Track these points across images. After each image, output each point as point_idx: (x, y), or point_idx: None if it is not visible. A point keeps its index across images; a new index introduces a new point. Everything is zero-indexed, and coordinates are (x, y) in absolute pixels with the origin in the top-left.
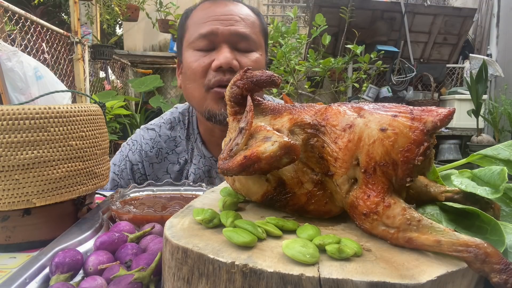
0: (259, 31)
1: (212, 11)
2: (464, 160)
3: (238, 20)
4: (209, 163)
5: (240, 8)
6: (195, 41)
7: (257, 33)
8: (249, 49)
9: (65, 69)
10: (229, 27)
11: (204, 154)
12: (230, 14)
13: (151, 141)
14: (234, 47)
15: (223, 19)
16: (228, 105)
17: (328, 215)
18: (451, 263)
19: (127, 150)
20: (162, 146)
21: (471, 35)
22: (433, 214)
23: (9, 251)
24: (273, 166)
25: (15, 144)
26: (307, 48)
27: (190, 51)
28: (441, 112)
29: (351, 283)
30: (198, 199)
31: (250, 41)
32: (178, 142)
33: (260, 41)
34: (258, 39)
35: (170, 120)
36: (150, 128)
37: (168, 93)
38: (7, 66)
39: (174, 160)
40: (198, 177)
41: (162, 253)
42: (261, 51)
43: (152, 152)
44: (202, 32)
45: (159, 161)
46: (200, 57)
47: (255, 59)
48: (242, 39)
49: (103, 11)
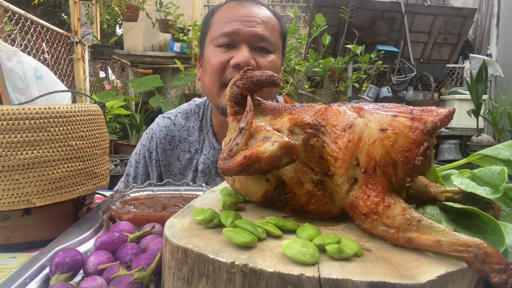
0: (278, 34)
1: (236, 12)
2: (464, 160)
3: (259, 23)
4: (218, 155)
5: (262, 11)
6: (218, 38)
7: (276, 36)
8: (267, 50)
9: (65, 69)
10: (250, 28)
11: (214, 145)
12: (253, 16)
13: (165, 128)
14: (253, 47)
15: (245, 20)
16: (228, 105)
17: (328, 215)
18: (451, 263)
19: (145, 139)
20: (175, 134)
21: (471, 35)
22: (433, 214)
23: (9, 251)
24: (273, 166)
25: (15, 144)
26: (307, 48)
27: (211, 47)
28: (441, 112)
29: (351, 283)
30: (198, 199)
31: (269, 43)
32: (191, 132)
33: (278, 44)
34: (276, 41)
35: (186, 110)
36: (166, 116)
37: (168, 93)
38: (7, 66)
39: (185, 148)
40: (207, 167)
41: (162, 253)
42: (278, 53)
43: (165, 139)
44: (225, 30)
45: (172, 148)
46: (220, 53)
47: (272, 60)
48: (261, 40)
49: (103, 11)
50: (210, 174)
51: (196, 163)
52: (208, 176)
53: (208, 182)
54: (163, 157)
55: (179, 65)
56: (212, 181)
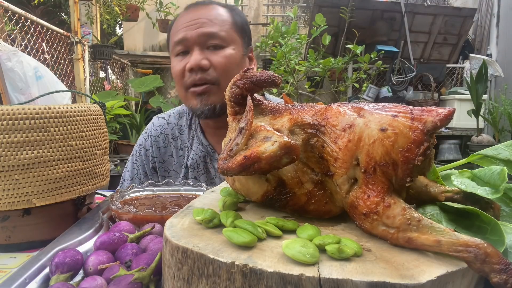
0: (230, 27)
1: (183, 19)
2: (464, 160)
3: (204, 22)
4: (205, 150)
5: (209, 9)
6: (174, 48)
7: (227, 29)
8: (220, 46)
9: (65, 69)
10: (196, 30)
11: (202, 142)
12: (198, 18)
13: (159, 127)
14: (205, 47)
15: (191, 24)
16: (228, 105)
17: (328, 215)
18: (451, 263)
19: (141, 138)
20: (168, 133)
21: (471, 35)
22: (433, 214)
23: (9, 251)
24: (273, 166)
25: (15, 144)
26: (307, 48)
27: (173, 57)
28: (441, 112)
29: (351, 283)
30: (198, 199)
31: (219, 38)
32: (182, 130)
33: (232, 37)
34: (228, 34)
35: (180, 111)
36: (160, 116)
37: (168, 93)
38: (7, 66)
39: (177, 145)
40: (195, 162)
41: (162, 253)
42: (235, 45)
43: (159, 137)
44: (176, 39)
45: (165, 145)
46: (178, 61)
47: (227, 55)
48: (210, 38)
49: (103, 11)
50: (198, 169)
51: (187, 158)
52: (196, 171)
53: (197, 176)
54: (157, 154)
55: None
56: (201, 175)
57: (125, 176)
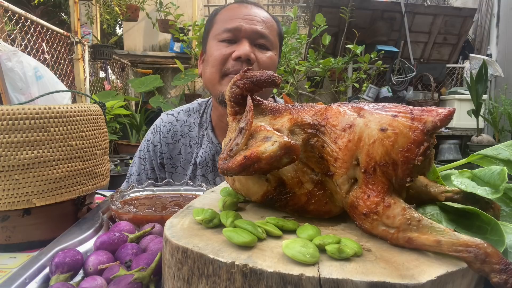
0: (275, 34)
1: (238, 11)
2: (464, 160)
3: (259, 21)
4: (215, 148)
5: (262, 12)
6: (221, 34)
7: (274, 35)
8: (266, 47)
9: (65, 69)
10: (251, 25)
11: (212, 140)
12: (254, 15)
13: (168, 124)
14: (253, 43)
15: (247, 19)
16: (228, 105)
17: (328, 215)
18: (451, 263)
19: (149, 134)
20: (177, 129)
21: (471, 35)
22: (433, 214)
23: (9, 251)
24: (273, 166)
25: (15, 144)
26: (307, 48)
27: (214, 42)
28: (441, 112)
29: (351, 283)
30: (198, 199)
31: (268, 40)
32: (191, 127)
33: (275, 42)
34: (274, 40)
35: (189, 108)
36: (169, 113)
37: (168, 93)
38: (7, 66)
39: (186, 142)
40: (204, 160)
41: (162, 253)
42: (276, 51)
43: (168, 134)
44: (228, 26)
45: (174, 142)
46: (223, 47)
47: (270, 56)
48: (261, 37)
49: (103, 11)
50: (207, 166)
51: (196, 156)
52: (205, 169)
53: (205, 174)
54: (165, 150)
55: (179, 65)
56: (209, 173)
57: (131, 171)
